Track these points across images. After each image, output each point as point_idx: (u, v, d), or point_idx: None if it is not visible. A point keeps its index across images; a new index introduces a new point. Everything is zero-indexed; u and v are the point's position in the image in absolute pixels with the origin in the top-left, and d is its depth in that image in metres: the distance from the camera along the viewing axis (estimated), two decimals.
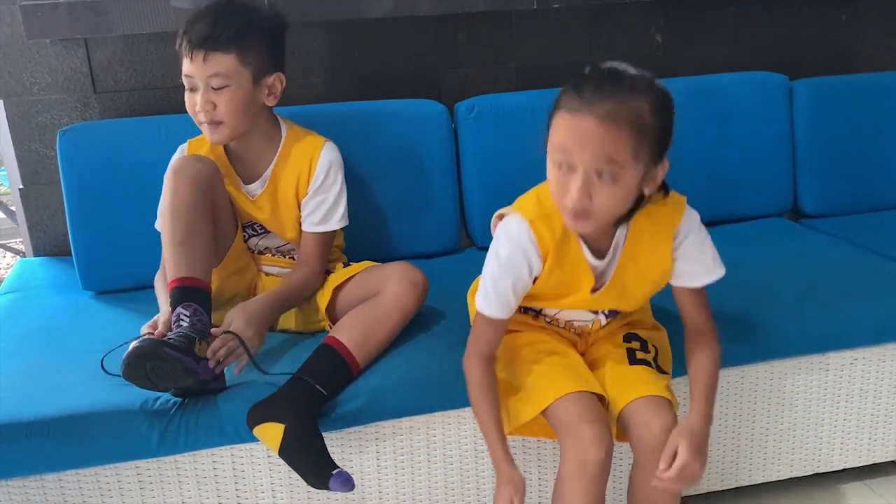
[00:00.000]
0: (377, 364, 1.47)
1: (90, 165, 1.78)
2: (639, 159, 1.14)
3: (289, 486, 1.45)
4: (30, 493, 1.37)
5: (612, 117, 1.11)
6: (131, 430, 1.35)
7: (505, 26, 2.13)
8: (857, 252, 1.89)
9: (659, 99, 1.16)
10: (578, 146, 1.13)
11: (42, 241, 2.01)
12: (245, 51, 1.50)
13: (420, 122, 1.92)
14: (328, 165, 1.60)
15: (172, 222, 1.45)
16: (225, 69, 1.48)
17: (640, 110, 1.13)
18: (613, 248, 1.28)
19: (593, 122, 1.11)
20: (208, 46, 1.47)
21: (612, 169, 1.13)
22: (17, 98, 1.92)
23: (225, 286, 1.61)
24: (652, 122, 1.14)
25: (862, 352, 1.62)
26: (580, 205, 1.15)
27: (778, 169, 2.14)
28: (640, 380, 1.33)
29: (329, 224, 1.62)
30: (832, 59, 2.36)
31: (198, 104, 1.50)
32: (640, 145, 1.13)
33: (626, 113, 1.12)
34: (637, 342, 1.40)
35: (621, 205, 1.18)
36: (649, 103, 1.14)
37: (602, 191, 1.14)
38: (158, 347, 1.28)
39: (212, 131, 1.53)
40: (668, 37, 2.25)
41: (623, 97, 1.12)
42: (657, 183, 1.20)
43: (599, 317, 1.41)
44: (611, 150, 1.12)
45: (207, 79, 1.48)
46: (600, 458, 1.23)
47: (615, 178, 1.13)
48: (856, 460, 1.70)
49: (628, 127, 1.12)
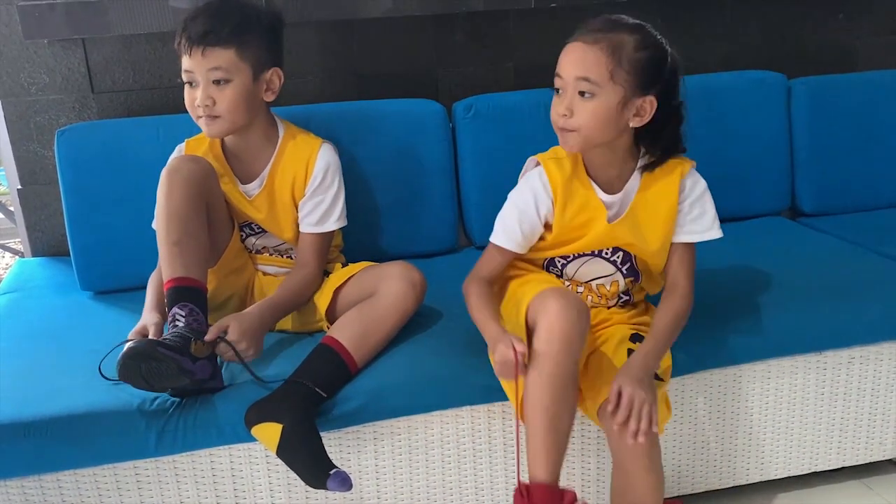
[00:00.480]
0: (375, 364, 1.47)
1: (88, 165, 1.78)
2: (615, 82, 1.29)
3: (287, 486, 1.45)
4: (28, 494, 1.37)
5: (594, 40, 1.30)
6: (129, 430, 1.35)
7: (503, 26, 2.13)
8: (855, 251, 1.90)
9: (645, 38, 1.32)
10: (564, 66, 1.32)
11: (40, 241, 2.01)
12: (244, 46, 1.50)
13: (418, 121, 1.92)
14: (325, 167, 1.61)
15: (167, 222, 1.45)
16: (225, 63, 1.49)
17: (621, 41, 1.30)
18: (626, 191, 1.40)
19: (579, 45, 1.32)
20: (208, 42, 1.48)
21: (590, 87, 1.29)
22: (14, 98, 1.92)
23: (222, 286, 1.61)
24: (633, 52, 1.30)
25: (859, 350, 1.62)
26: (563, 121, 1.32)
27: (776, 168, 2.14)
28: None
29: (326, 225, 1.62)
30: (830, 57, 2.36)
31: (198, 99, 1.50)
32: (617, 68, 1.29)
33: (607, 39, 1.30)
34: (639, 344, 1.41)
35: (603, 124, 1.31)
36: (633, 38, 1.31)
37: (582, 107, 1.30)
38: (153, 347, 1.28)
39: (209, 125, 1.53)
40: (665, 36, 2.24)
41: (610, 28, 1.31)
42: (644, 118, 1.33)
43: (618, 276, 1.44)
44: (588, 68, 1.29)
45: (207, 73, 1.49)
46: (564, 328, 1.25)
47: (593, 95, 1.30)
48: (853, 459, 1.70)
49: (607, 50, 1.29)
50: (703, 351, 1.54)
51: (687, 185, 1.41)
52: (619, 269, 1.46)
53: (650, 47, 1.32)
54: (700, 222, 1.42)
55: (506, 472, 1.52)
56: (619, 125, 1.33)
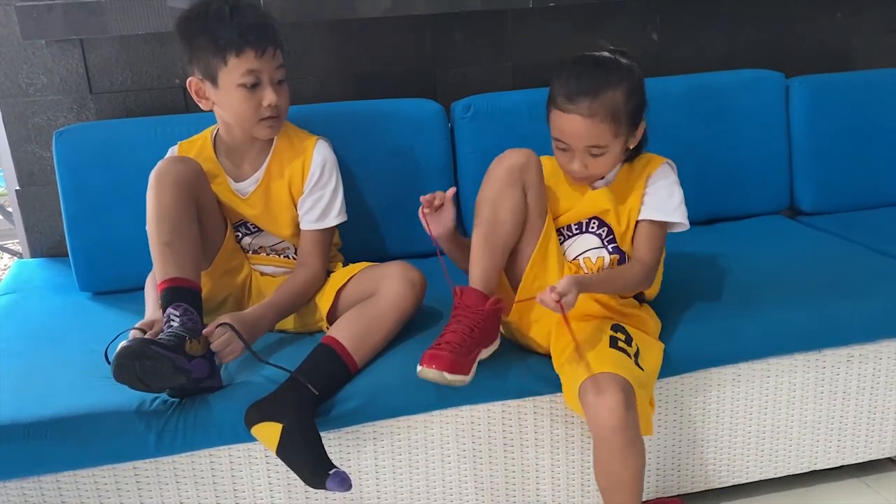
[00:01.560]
0: (375, 363, 1.47)
1: (86, 166, 1.78)
2: (619, 136, 1.44)
3: (286, 486, 1.45)
4: (27, 495, 1.37)
5: (593, 114, 1.40)
6: (129, 430, 1.35)
7: (501, 25, 2.13)
8: (854, 249, 1.90)
9: (631, 84, 1.43)
10: (570, 138, 1.44)
11: (39, 242, 2.01)
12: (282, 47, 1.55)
13: (417, 121, 1.92)
14: (322, 163, 1.61)
15: (158, 224, 1.45)
16: (282, 60, 1.54)
17: (615, 102, 1.41)
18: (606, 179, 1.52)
19: (578, 121, 1.41)
20: (275, 43, 1.51)
21: (600, 149, 1.44)
22: (12, 99, 1.92)
23: (217, 288, 1.61)
24: (626, 107, 1.42)
25: (858, 348, 1.63)
26: (581, 174, 1.48)
27: (775, 166, 2.14)
28: (609, 360, 1.36)
29: (327, 220, 1.62)
30: (828, 56, 2.37)
31: (271, 99, 1.51)
32: (619, 127, 1.43)
33: (604, 108, 1.40)
34: (623, 335, 1.43)
35: (614, 164, 1.49)
36: (623, 91, 1.42)
37: (596, 161, 1.46)
38: (146, 346, 1.28)
39: (274, 126, 1.55)
40: (664, 35, 2.25)
41: (600, 93, 1.40)
42: (638, 138, 1.49)
43: (603, 252, 1.51)
44: (596, 139, 1.42)
45: (274, 73, 1.51)
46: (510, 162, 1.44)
47: (604, 153, 1.45)
48: (853, 457, 1.71)
49: (609, 119, 1.41)
50: (702, 349, 1.54)
51: (658, 172, 1.51)
52: (605, 246, 1.51)
53: (636, 89, 1.44)
54: (665, 203, 1.49)
55: (505, 472, 1.52)
56: (624, 154, 1.49)
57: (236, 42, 1.47)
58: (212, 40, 1.48)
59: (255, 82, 1.50)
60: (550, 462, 1.54)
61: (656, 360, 1.47)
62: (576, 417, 1.52)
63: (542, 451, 1.53)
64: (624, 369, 1.35)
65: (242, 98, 1.50)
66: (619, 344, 1.41)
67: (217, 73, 1.50)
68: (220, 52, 1.48)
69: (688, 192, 1.52)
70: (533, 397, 1.49)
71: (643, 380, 1.39)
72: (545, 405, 1.50)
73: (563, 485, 1.56)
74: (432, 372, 1.30)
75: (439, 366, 1.30)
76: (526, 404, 1.49)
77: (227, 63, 1.48)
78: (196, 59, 1.52)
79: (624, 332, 1.44)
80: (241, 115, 1.52)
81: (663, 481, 1.62)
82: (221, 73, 1.50)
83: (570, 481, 1.56)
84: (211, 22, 1.49)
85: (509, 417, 1.49)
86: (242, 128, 1.56)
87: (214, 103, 1.55)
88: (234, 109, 1.52)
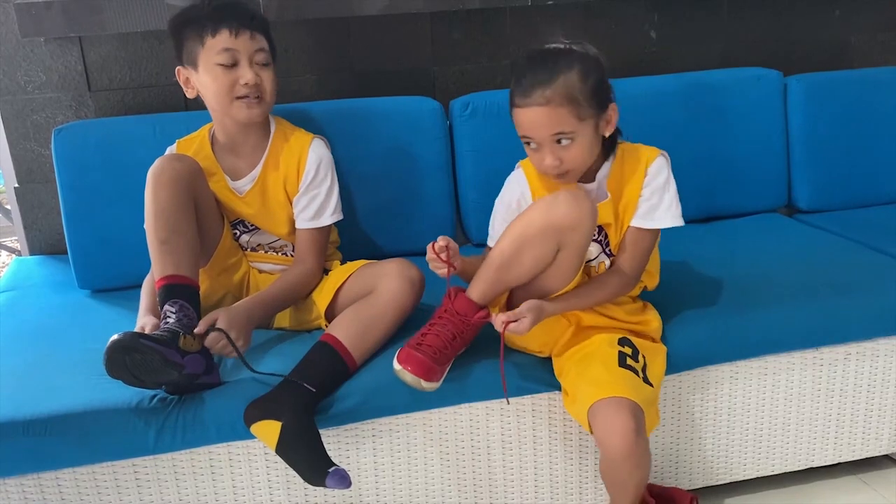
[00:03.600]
0: (374, 361, 1.47)
1: (85, 164, 1.78)
2: (583, 119, 1.37)
3: (286, 484, 1.45)
4: (27, 492, 1.37)
5: (548, 101, 1.35)
6: (128, 427, 1.35)
7: (499, 23, 2.13)
8: (851, 247, 1.90)
9: (583, 65, 1.37)
10: (533, 130, 1.38)
11: (37, 239, 2.01)
12: (268, 37, 1.57)
13: (415, 119, 1.92)
14: (318, 161, 1.61)
15: (155, 221, 1.45)
16: (265, 46, 1.55)
17: (569, 84, 1.35)
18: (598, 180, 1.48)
19: (537, 111, 1.36)
20: (255, 26, 1.53)
21: (566, 136, 1.37)
22: (11, 97, 1.92)
23: (215, 285, 1.61)
24: (582, 87, 1.36)
25: (855, 346, 1.63)
26: (555, 169, 1.40)
27: (772, 164, 2.14)
28: (620, 382, 1.36)
29: (322, 219, 1.62)
30: (826, 54, 2.37)
31: (246, 77, 1.51)
32: (580, 109, 1.36)
33: (558, 93, 1.35)
34: (630, 349, 1.43)
35: (588, 153, 1.41)
36: (576, 72, 1.36)
37: (567, 152, 1.38)
38: (135, 339, 1.27)
39: (252, 107, 1.55)
40: (662, 32, 2.26)
41: (552, 79, 1.35)
42: (613, 124, 1.42)
43: (603, 257, 1.51)
44: (558, 125, 1.36)
45: (253, 54, 1.53)
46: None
47: (573, 140, 1.38)
48: (850, 455, 1.71)
49: (565, 103, 1.35)
50: (700, 347, 1.55)
51: (651, 171, 1.46)
52: (604, 251, 1.51)
53: (591, 69, 1.38)
54: (655, 211, 1.45)
55: (503, 470, 1.53)
56: (598, 143, 1.43)
57: (212, 22, 1.51)
58: (193, 27, 1.52)
59: (233, 62, 1.52)
60: (548, 460, 1.54)
61: (661, 369, 1.47)
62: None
63: (540, 449, 1.53)
64: (634, 391, 1.35)
65: (217, 76, 1.52)
66: (627, 361, 1.40)
67: (198, 57, 1.53)
68: (199, 35, 1.51)
69: (685, 190, 1.51)
70: (531, 395, 1.49)
71: (652, 398, 1.40)
72: (543, 403, 1.50)
73: (561, 483, 1.56)
74: (409, 376, 1.35)
75: (417, 371, 1.34)
76: (524, 402, 1.49)
77: (205, 44, 1.51)
78: (182, 49, 1.55)
79: (631, 346, 1.44)
80: (218, 93, 1.53)
81: (662, 478, 1.62)
82: (201, 56, 1.52)
83: (567, 479, 1.56)
84: (193, 12, 1.54)
85: (508, 415, 1.50)
86: (221, 110, 1.56)
87: (198, 90, 1.57)
88: (210, 89, 1.54)
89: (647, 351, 1.46)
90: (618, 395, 1.33)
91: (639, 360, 1.42)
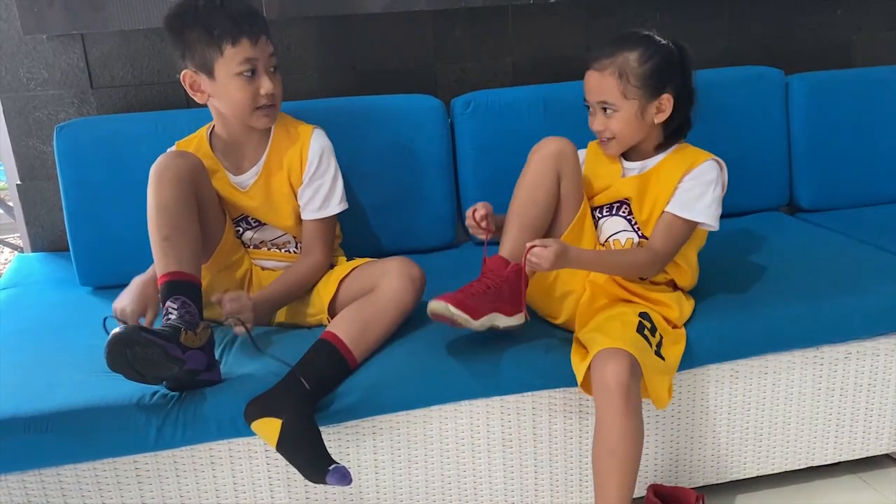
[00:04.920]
0: (374, 359, 1.48)
1: (87, 161, 1.78)
2: (629, 97, 1.50)
3: (286, 481, 1.45)
4: (28, 488, 1.38)
5: (601, 67, 1.51)
6: (129, 424, 1.35)
7: (501, 21, 2.13)
8: (852, 245, 1.90)
9: (647, 49, 1.50)
10: (587, 92, 1.55)
11: (40, 236, 2.01)
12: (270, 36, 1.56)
13: (416, 117, 1.92)
14: (320, 152, 1.61)
15: (157, 218, 1.46)
16: (274, 49, 1.55)
17: (625, 61, 1.49)
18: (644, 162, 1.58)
19: (592, 75, 1.53)
20: (265, 29, 1.53)
21: (610, 106, 1.51)
22: (13, 94, 1.92)
23: (216, 282, 1.61)
24: (638, 68, 1.49)
25: (856, 345, 1.63)
26: (600, 134, 1.56)
27: (774, 163, 2.14)
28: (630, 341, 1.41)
29: (328, 209, 1.62)
30: (828, 53, 2.37)
31: (268, 87, 1.52)
32: (627, 87, 1.49)
33: (613, 64, 1.50)
34: (649, 323, 1.48)
35: (631, 130, 1.53)
36: (636, 54, 1.49)
37: (611, 120, 1.53)
38: (136, 333, 1.28)
39: (269, 114, 1.56)
40: (664, 31, 2.24)
41: (614, 51, 1.50)
42: (666, 113, 1.53)
43: (632, 234, 1.57)
44: (604, 94, 1.51)
45: (268, 60, 1.53)
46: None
47: (616, 111, 1.52)
48: (850, 454, 1.71)
49: (616, 75, 1.49)
50: (700, 346, 1.54)
51: (698, 169, 1.53)
52: (634, 229, 1.57)
53: (653, 56, 1.50)
54: (694, 202, 1.51)
55: (504, 467, 1.53)
56: (645, 126, 1.54)
57: (231, 31, 1.48)
58: (205, 31, 1.49)
59: (252, 70, 1.51)
60: (549, 457, 1.54)
61: (678, 352, 1.51)
62: (575, 413, 1.52)
63: (541, 446, 1.53)
64: (639, 351, 1.40)
65: (240, 87, 1.51)
66: (644, 331, 1.45)
67: (213, 65, 1.51)
68: (215, 42, 1.49)
69: None
70: (532, 392, 1.49)
71: (661, 368, 1.44)
72: (544, 400, 1.50)
73: (562, 480, 1.56)
74: (438, 304, 1.37)
75: (446, 299, 1.37)
76: (524, 399, 1.50)
77: (224, 53, 1.49)
78: (190, 53, 1.52)
79: (650, 321, 1.48)
80: (239, 104, 1.53)
81: (662, 477, 1.62)
82: (218, 64, 1.50)
83: (568, 477, 1.56)
84: (203, 13, 1.50)
85: (508, 413, 1.50)
86: (240, 118, 1.56)
87: (210, 95, 1.56)
88: (231, 99, 1.53)
89: (665, 332, 1.50)
90: (623, 348, 1.38)
91: (655, 335, 1.46)
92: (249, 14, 1.52)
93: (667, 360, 1.46)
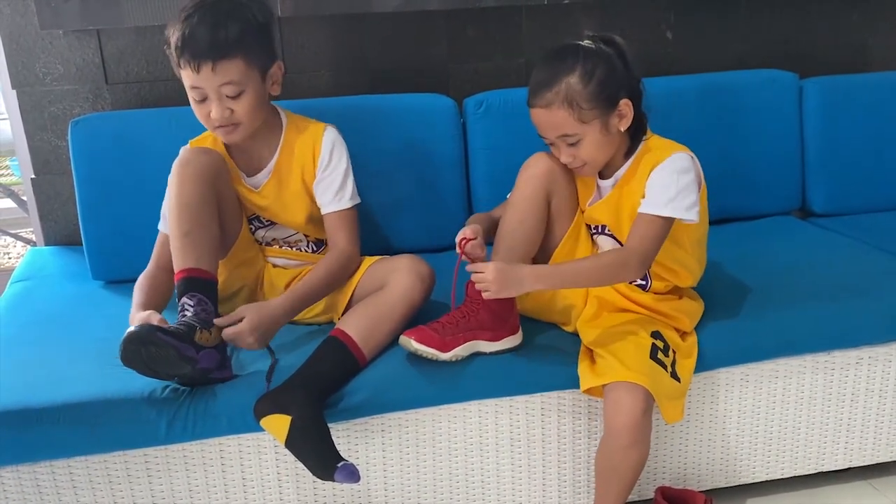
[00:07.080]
0: (383, 356, 1.48)
1: (101, 156, 1.79)
2: (587, 121, 1.41)
3: (295, 477, 1.46)
4: (39, 479, 1.39)
5: (547, 104, 1.41)
6: (140, 418, 1.36)
7: (514, 21, 2.13)
8: (865, 251, 1.89)
9: (585, 64, 1.40)
10: (543, 131, 1.46)
11: (53, 230, 2.02)
12: (249, 52, 1.46)
13: (429, 116, 1.92)
14: (331, 146, 1.60)
15: (179, 213, 1.46)
16: (236, 76, 1.45)
17: (568, 87, 1.40)
18: (615, 176, 1.51)
19: (539, 113, 1.43)
20: (214, 56, 1.42)
21: (572, 137, 1.43)
22: (29, 88, 1.93)
23: (232, 278, 1.62)
24: (583, 91, 1.40)
25: (868, 351, 1.62)
26: (573, 165, 1.47)
27: (787, 167, 2.13)
28: (647, 372, 1.39)
29: (344, 199, 1.60)
30: (843, 57, 2.35)
31: (214, 113, 1.47)
32: (581, 112, 1.40)
33: (556, 96, 1.40)
34: (662, 342, 1.46)
35: (602, 150, 1.46)
36: (577, 75, 1.40)
37: (579, 149, 1.44)
38: (153, 332, 1.29)
39: (229, 134, 1.52)
40: (678, 33, 2.25)
41: (551, 81, 1.40)
42: (628, 119, 1.44)
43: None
44: (561, 128, 1.42)
45: (219, 88, 1.45)
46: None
47: (580, 139, 1.43)
48: (860, 459, 1.70)
49: (566, 105, 1.40)
50: (711, 350, 1.54)
51: (662, 164, 1.44)
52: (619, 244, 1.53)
53: (594, 69, 1.40)
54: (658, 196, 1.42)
55: (512, 467, 1.53)
56: (614, 139, 1.46)
57: (177, 54, 1.45)
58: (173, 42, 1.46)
59: (202, 97, 1.48)
60: (557, 458, 1.54)
61: (691, 366, 1.50)
62: (583, 414, 1.52)
63: (549, 446, 1.53)
64: (654, 384, 1.39)
65: (194, 106, 1.51)
66: (658, 355, 1.43)
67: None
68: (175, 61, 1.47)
69: None
70: (541, 393, 1.49)
71: (676, 392, 1.44)
72: (553, 401, 1.50)
73: (570, 480, 1.56)
74: (403, 339, 1.42)
75: (410, 334, 1.40)
76: (534, 400, 1.50)
77: (180, 74, 1.49)
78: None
79: (662, 340, 1.47)
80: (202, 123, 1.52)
81: (672, 481, 1.62)
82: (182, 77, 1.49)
83: (576, 477, 1.56)
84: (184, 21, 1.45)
85: (517, 413, 1.50)
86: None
87: None
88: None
89: (678, 347, 1.49)
90: (639, 382, 1.37)
91: (669, 354, 1.45)
92: (195, 38, 1.42)
93: (682, 380, 1.45)
